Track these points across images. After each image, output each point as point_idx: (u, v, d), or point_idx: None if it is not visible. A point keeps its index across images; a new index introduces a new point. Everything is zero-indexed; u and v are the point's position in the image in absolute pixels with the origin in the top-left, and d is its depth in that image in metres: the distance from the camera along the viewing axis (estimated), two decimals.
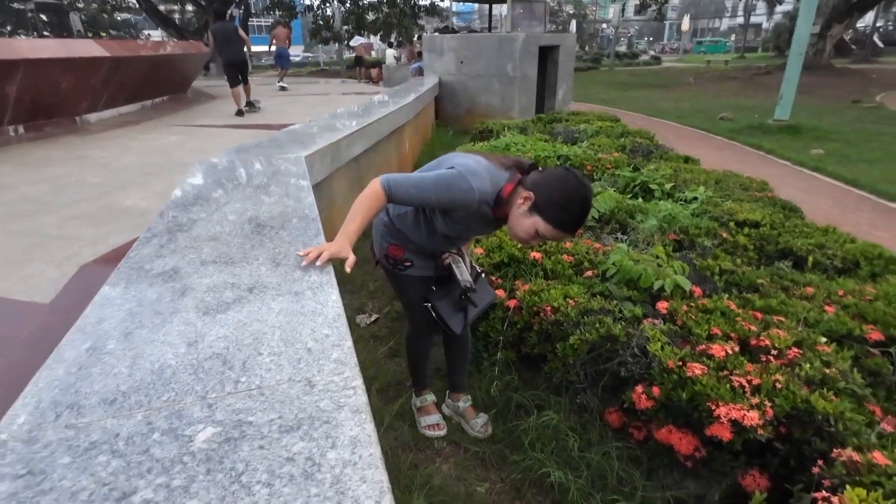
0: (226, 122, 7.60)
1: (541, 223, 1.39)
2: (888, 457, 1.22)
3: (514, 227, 1.45)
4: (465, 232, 1.64)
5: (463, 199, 1.42)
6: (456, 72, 9.02)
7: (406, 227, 1.71)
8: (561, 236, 1.44)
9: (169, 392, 0.83)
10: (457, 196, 1.42)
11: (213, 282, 1.24)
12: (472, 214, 1.48)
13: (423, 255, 1.78)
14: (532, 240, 1.46)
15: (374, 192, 1.43)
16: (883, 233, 4.49)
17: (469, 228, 1.59)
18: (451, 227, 1.57)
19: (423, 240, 1.69)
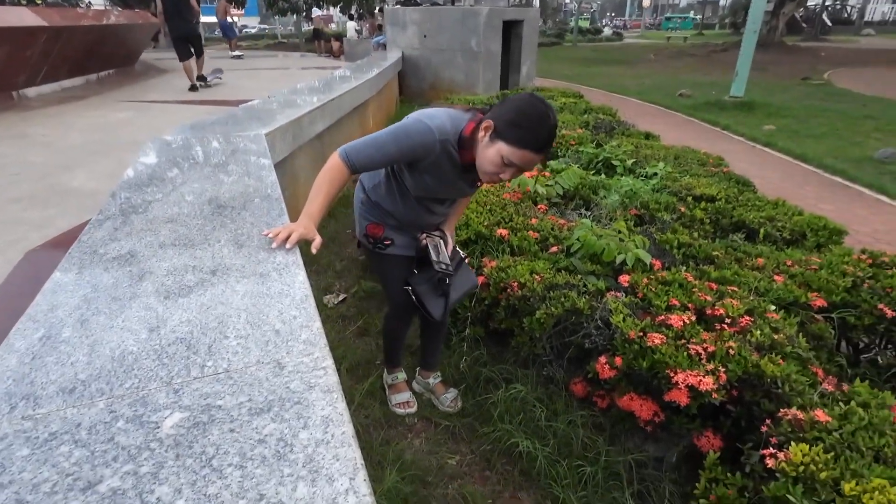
0: (178, 98, 7.26)
1: (504, 147, 1.30)
2: (828, 414, 1.32)
3: (481, 162, 1.36)
4: (439, 187, 1.53)
5: (423, 142, 1.36)
6: (419, 46, 8.85)
7: (381, 199, 1.66)
8: (529, 159, 1.32)
9: (132, 379, 0.81)
10: (416, 139, 1.36)
11: (172, 265, 1.20)
12: (440, 162, 1.42)
13: (404, 233, 1.72)
14: (500, 170, 1.35)
15: (333, 164, 1.39)
16: (828, 205, 4.74)
17: (441, 181, 1.50)
18: (422, 183, 1.50)
19: (400, 210, 1.64)
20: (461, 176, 1.49)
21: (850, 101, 10.28)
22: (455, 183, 1.53)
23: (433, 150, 1.38)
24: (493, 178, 1.39)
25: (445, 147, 1.39)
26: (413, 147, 1.37)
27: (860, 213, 4.61)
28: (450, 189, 1.57)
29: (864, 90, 11.44)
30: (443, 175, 1.47)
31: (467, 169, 1.44)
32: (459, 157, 1.42)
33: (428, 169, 1.46)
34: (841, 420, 1.30)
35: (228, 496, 0.61)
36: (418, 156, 1.41)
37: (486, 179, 1.42)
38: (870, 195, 5.08)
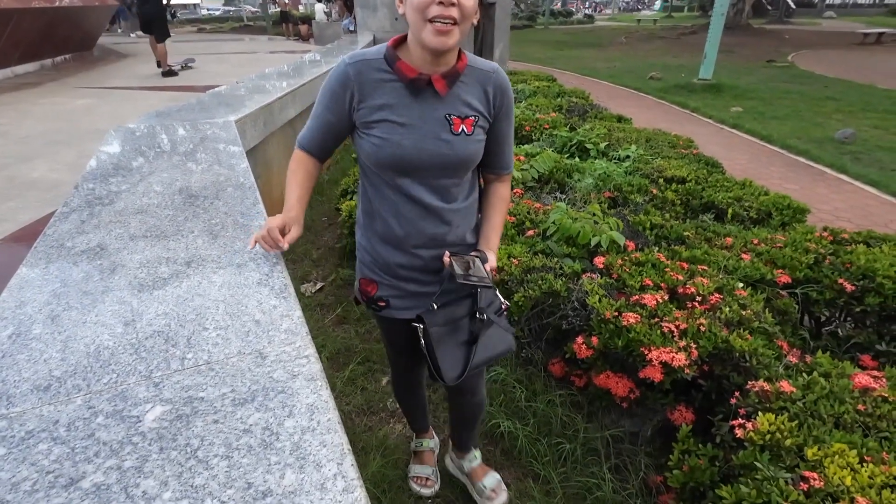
0: (141, 84, 7.01)
1: None
2: (793, 385, 1.38)
3: (412, 20, 1.03)
4: (401, 140, 1.09)
5: (336, 75, 1.11)
6: (391, 29, 8.70)
7: (363, 219, 1.28)
8: None
9: (109, 374, 0.80)
10: (330, 79, 1.12)
11: (145, 257, 1.17)
12: (372, 93, 1.09)
13: (405, 285, 1.28)
14: (432, 4, 0.98)
15: (293, 156, 1.25)
16: (792, 185, 4.89)
17: (395, 128, 1.09)
18: (379, 145, 1.10)
19: (384, 220, 1.21)
20: (416, 105, 1.09)
21: (813, 82, 10.57)
22: (415, 123, 1.10)
23: (347, 77, 1.09)
24: (435, 25, 0.99)
25: (367, 70, 1.09)
26: (331, 88, 1.12)
27: (822, 192, 4.78)
28: (415, 136, 1.10)
29: (826, 72, 11.77)
30: (391, 113, 1.09)
31: (417, 88, 1.08)
32: (396, 72, 1.08)
33: (368, 115, 1.10)
34: (804, 390, 1.37)
35: (216, 486, 0.61)
36: (338, 97, 1.11)
37: (431, 40, 1.00)
38: (831, 174, 5.26)
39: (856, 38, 18.05)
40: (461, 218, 1.24)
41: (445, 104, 1.11)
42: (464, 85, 1.12)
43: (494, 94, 1.16)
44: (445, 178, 1.17)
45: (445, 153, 1.12)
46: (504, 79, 1.17)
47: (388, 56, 1.10)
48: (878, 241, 2.18)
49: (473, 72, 1.13)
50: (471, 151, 1.15)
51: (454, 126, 1.12)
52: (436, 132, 1.11)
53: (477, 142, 1.16)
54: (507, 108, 1.19)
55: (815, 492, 1.08)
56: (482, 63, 1.17)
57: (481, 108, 1.15)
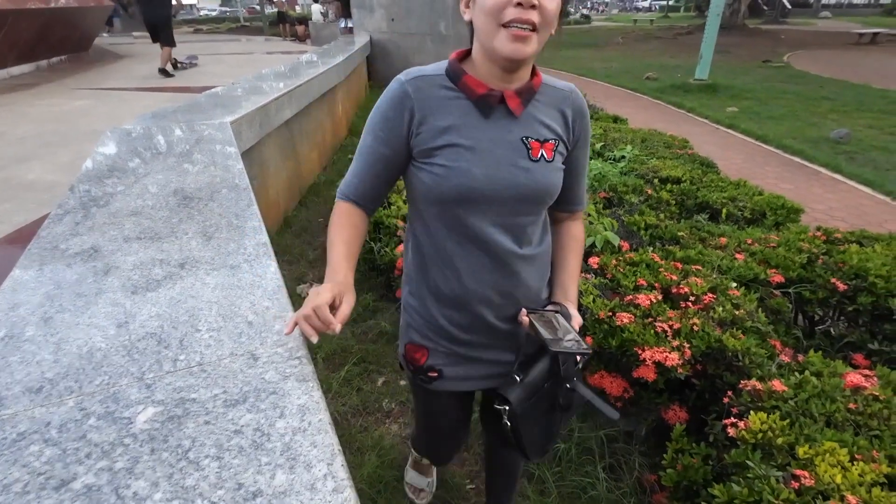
0: (138, 85, 7.00)
1: None
2: (785, 384, 1.39)
3: (481, 26, 0.87)
4: (469, 168, 0.91)
5: (389, 98, 0.95)
6: (387, 30, 8.72)
7: (416, 267, 1.08)
8: None
9: (101, 376, 0.80)
10: (382, 103, 0.96)
11: (139, 259, 1.17)
12: (434, 113, 0.92)
13: (462, 351, 1.09)
14: (508, 6, 0.82)
15: (335, 208, 1.03)
16: (787, 185, 4.92)
17: (461, 154, 0.92)
18: (441, 175, 0.92)
19: (440, 271, 1.02)
20: (487, 126, 0.93)
21: (808, 82, 10.62)
22: (486, 147, 0.92)
23: (404, 96, 0.93)
24: (511, 31, 0.83)
25: (427, 86, 0.93)
26: (383, 113, 0.95)
27: (817, 191, 4.80)
28: (487, 162, 0.92)
29: (822, 72, 11.82)
30: (457, 136, 0.92)
31: (488, 105, 0.92)
32: (462, 88, 0.93)
33: (429, 140, 0.93)
34: (796, 389, 1.37)
35: (206, 487, 0.61)
36: (394, 123, 0.94)
37: (505, 47, 0.84)
38: (826, 174, 5.28)
39: (851, 39, 18.13)
40: (537, 266, 1.06)
41: (521, 125, 0.94)
42: (539, 105, 0.97)
43: (573, 117, 1.00)
44: (522, 215, 0.98)
45: (523, 183, 0.93)
46: (582, 101, 1.03)
47: (452, 71, 0.94)
48: (870, 240, 2.20)
49: (549, 91, 0.99)
50: (553, 181, 0.97)
51: (532, 151, 0.94)
52: (511, 158, 0.93)
53: (558, 170, 0.99)
54: (585, 134, 1.03)
55: (805, 490, 1.09)
56: (558, 82, 1.01)
57: (560, 130, 0.99)
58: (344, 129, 6.17)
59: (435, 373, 1.12)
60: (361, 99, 7.79)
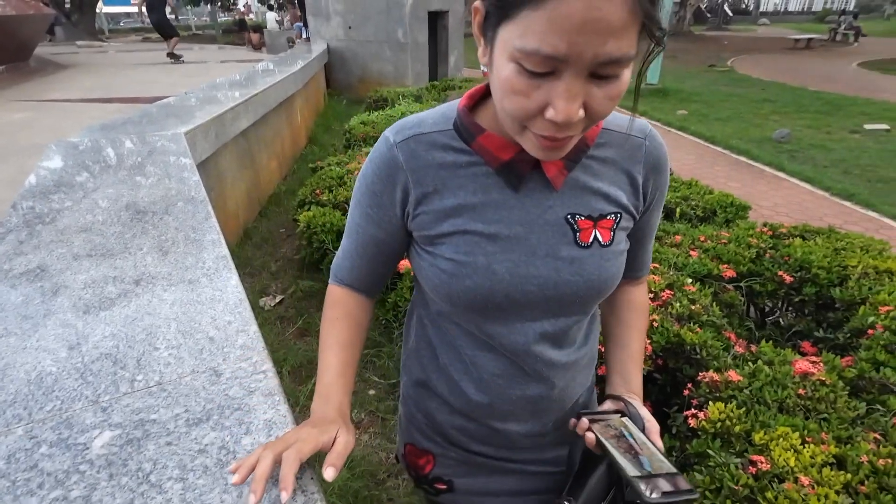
0: (83, 96, 6.70)
1: (514, 31, 0.50)
2: (739, 373, 1.46)
3: (500, 95, 0.56)
4: (496, 257, 0.67)
5: (375, 161, 0.70)
6: (345, 37, 8.67)
7: (417, 360, 0.85)
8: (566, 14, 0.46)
9: (53, 401, 0.76)
10: (367, 168, 0.71)
11: (90, 277, 1.13)
12: (447, 188, 0.67)
13: (476, 455, 0.84)
14: (526, 94, 0.53)
15: (327, 292, 0.83)
16: (735, 183, 5.15)
17: (481, 241, 0.67)
18: (454, 261, 0.67)
19: (455, 369, 0.78)
20: (515, 203, 0.67)
21: (751, 85, 11.18)
22: (515, 234, 0.67)
23: (394, 165, 0.68)
24: (540, 139, 0.56)
25: (426, 149, 0.67)
26: (369, 184, 0.71)
27: (762, 189, 5.05)
28: (516, 256, 0.67)
29: (762, 75, 12.47)
30: (472, 220, 0.67)
31: (516, 175, 0.66)
32: (478, 150, 0.66)
33: (433, 224, 0.69)
34: (750, 378, 1.44)
35: None
36: (382, 198, 0.70)
37: (533, 150, 0.59)
38: (770, 172, 5.57)
39: (788, 44, 19.21)
40: (580, 371, 0.80)
41: (565, 198, 0.67)
42: (595, 164, 0.69)
43: (647, 174, 0.71)
44: (564, 317, 0.72)
45: (568, 280, 0.68)
46: (661, 149, 0.72)
47: (463, 125, 0.67)
48: (812, 234, 2.33)
49: (611, 140, 0.69)
50: (611, 272, 0.70)
51: (582, 234, 0.67)
52: (551, 246, 0.67)
53: (619, 254, 0.71)
54: (661, 193, 0.75)
55: (762, 474, 1.14)
56: (625, 122, 0.70)
57: (625, 198, 0.70)
58: (303, 137, 6.09)
59: (444, 485, 0.87)
60: (320, 106, 7.71)
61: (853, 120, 7.67)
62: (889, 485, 1.07)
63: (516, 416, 0.78)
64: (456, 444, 0.84)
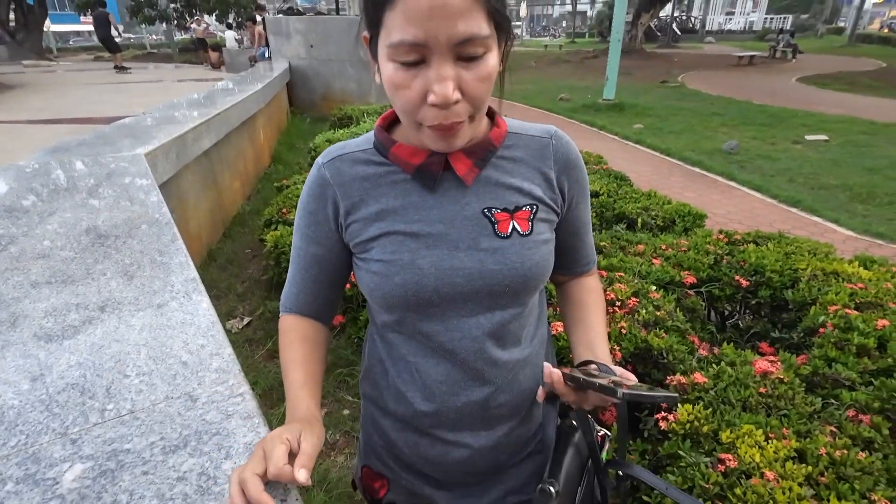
0: (31, 117, 6.44)
1: (384, 37, 0.59)
2: (704, 375, 1.52)
3: (391, 97, 0.63)
4: (419, 252, 0.70)
5: (309, 184, 0.76)
6: (307, 56, 8.65)
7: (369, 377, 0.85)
8: (416, 27, 0.56)
9: (17, 436, 0.73)
10: (305, 191, 0.77)
11: (51, 305, 1.08)
12: (370, 197, 0.73)
13: (431, 486, 0.83)
14: (402, 82, 0.60)
15: (280, 324, 0.84)
16: (691, 193, 5.37)
17: (408, 237, 0.71)
18: (382, 261, 0.71)
19: (400, 380, 0.78)
20: (433, 202, 0.72)
21: (701, 100, 11.73)
22: (435, 231, 0.71)
23: (323, 183, 0.74)
24: (434, 129, 0.62)
25: (350, 165, 0.74)
26: (305, 208, 0.77)
27: (716, 198, 5.29)
28: (439, 250, 0.70)
29: (711, 90, 13.10)
30: (395, 222, 0.71)
31: (429, 176, 0.71)
32: (394, 160, 0.72)
33: (362, 231, 0.73)
34: (714, 379, 1.50)
35: None
36: (317, 215, 0.76)
37: (433, 144, 0.66)
38: (722, 182, 5.84)
39: (732, 60, 20.28)
40: (529, 370, 0.79)
41: (480, 194, 0.72)
42: (505, 163, 0.74)
43: (558, 171, 0.76)
44: (499, 310, 0.73)
45: (492, 269, 0.70)
46: (568, 146, 0.78)
47: (378, 141, 0.74)
48: (764, 239, 2.45)
49: (518, 141, 0.76)
50: (535, 259, 0.72)
51: (500, 225, 0.71)
52: (472, 239, 0.70)
53: (542, 243, 0.73)
54: (580, 187, 0.79)
55: (731, 471, 1.19)
56: (532, 127, 0.78)
57: (540, 192, 0.74)
58: (267, 156, 6.01)
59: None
60: (283, 125, 7.63)
61: (795, 131, 8.15)
62: (846, 474, 1.13)
63: (467, 425, 0.77)
64: (410, 468, 0.83)
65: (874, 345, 1.58)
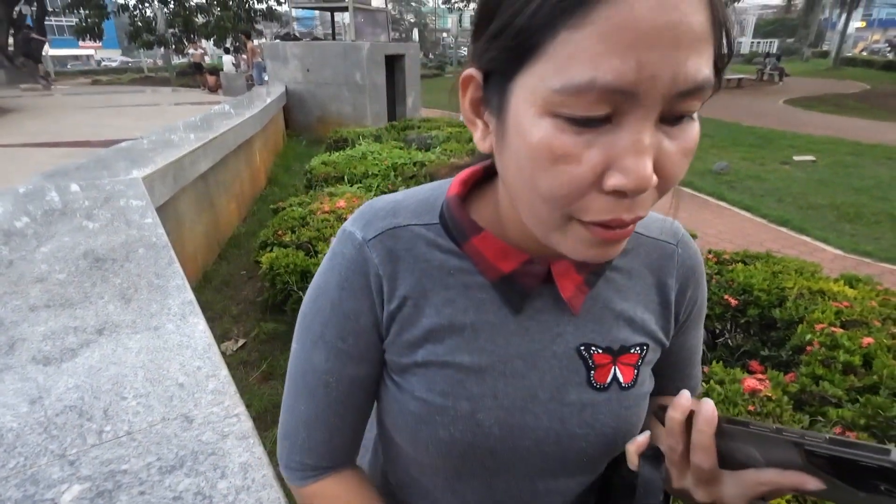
0: (28, 140, 6.48)
1: (544, 72, 0.33)
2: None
3: (529, 174, 0.37)
4: (482, 401, 0.48)
5: (349, 266, 0.49)
6: (303, 80, 8.79)
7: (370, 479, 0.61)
8: (624, 59, 0.31)
9: (16, 458, 0.74)
10: (335, 279, 0.49)
11: (49, 328, 1.10)
12: (430, 300, 0.48)
13: None
14: (590, 193, 0.36)
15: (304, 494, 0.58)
16: (681, 213, 5.33)
17: (472, 374, 0.48)
18: (426, 401, 0.49)
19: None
20: (514, 327, 0.49)
21: None
22: (513, 369, 0.49)
23: (366, 267, 0.48)
24: (594, 230, 0.38)
25: (407, 247, 0.49)
26: (335, 301, 0.50)
27: (707, 217, 5.36)
28: (511, 401, 0.49)
29: (701, 112, 13.29)
30: (459, 347, 0.48)
31: (517, 290, 0.48)
32: (471, 255, 0.48)
33: (407, 350, 0.50)
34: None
35: None
36: (358, 320, 0.50)
37: (581, 251, 0.39)
38: (713, 202, 5.92)
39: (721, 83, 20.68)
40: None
41: (579, 323, 0.50)
42: (619, 277, 0.52)
43: (681, 286, 0.55)
44: (564, 478, 0.53)
45: (576, 434, 0.50)
46: (694, 255, 0.56)
47: (453, 219, 0.49)
48: (752, 259, 2.50)
49: (638, 244, 0.53)
50: (631, 423, 0.51)
51: (598, 372, 0.50)
52: (557, 387, 0.50)
53: (642, 398, 0.52)
54: (699, 308, 0.58)
55: None
56: (651, 223, 0.55)
57: (653, 323, 0.53)
58: (263, 178, 6.07)
59: None
60: (279, 148, 7.72)
61: (783, 152, 8.30)
62: None
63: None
64: None
65: (860, 362, 1.61)
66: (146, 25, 19.35)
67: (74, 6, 18.61)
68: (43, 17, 18.23)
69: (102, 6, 19.02)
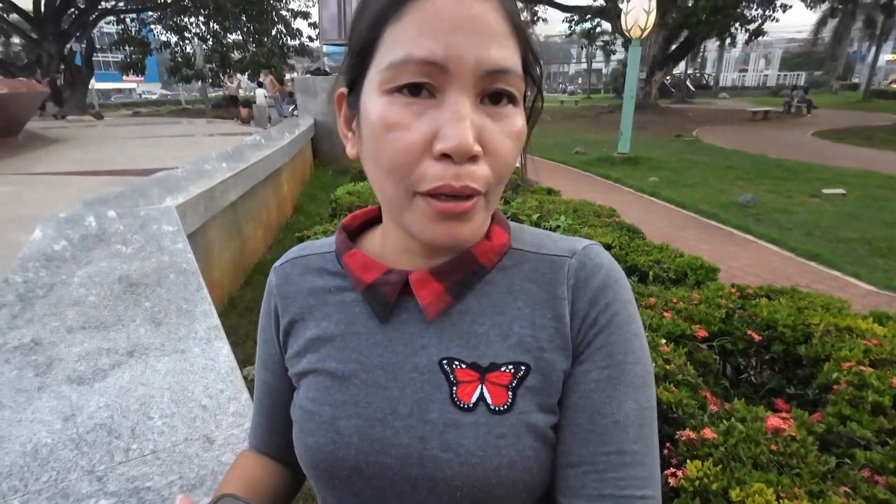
0: (71, 169, 6.84)
1: (379, 61, 0.42)
2: (714, 431, 1.51)
3: (373, 146, 0.43)
4: (342, 408, 0.48)
5: (265, 293, 0.60)
6: (331, 112, 9.10)
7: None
8: (433, 39, 0.39)
9: (48, 472, 0.79)
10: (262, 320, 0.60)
11: (84, 349, 1.16)
12: (312, 318, 0.54)
13: None
14: (399, 128, 0.41)
15: None
16: (706, 246, 5.38)
17: (336, 380, 0.50)
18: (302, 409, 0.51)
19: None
20: (381, 337, 0.50)
21: (715, 154, 11.87)
22: (373, 379, 0.49)
23: (269, 291, 0.59)
24: (437, 203, 0.42)
25: (299, 272, 0.57)
26: (260, 320, 0.61)
27: (732, 250, 5.28)
28: (370, 410, 0.48)
29: (726, 144, 13.27)
30: (327, 356, 0.51)
31: (378, 299, 0.50)
32: (346, 270, 0.53)
33: (294, 360, 0.54)
34: (725, 435, 1.49)
35: None
36: (265, 334, 0.59)
37: (429, 231, 0.43)
38: (738, 235, 5.83)
39: (746, 115, 20.57)
40: None
41: (444, 336, 0.48)
42: (495, 292, 0.50)
43: (575, 298, 0.47)
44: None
45: (437, 457, 0.45)
46: (597, 268, 0.48)
47: (335, 244, 0.56)
48: (777, 294, 2.45)
49: (524, 262, 0.51)
50: (507, 458, 0.44)
51: (460, 390, 0.46)
52: (418, 403, 0.47)
53: (524, 430, 0.45)
54: (609, 338, 0.46)
55: None
56: (554, 243, 0.52)
57: (543, 339, 0.47)
58: (289, 207, 6.24)
59: None
60: (307, 177, 7.94)
61: (811, 185, 8.16)
62: None
63: None
64: None
65: (889, 403, 1.56)
66: (186, 61, 20.39)
67: (120, 44, 19.77)
68: (91, 53, 19.42)
69: (146, 43, 20.16)
